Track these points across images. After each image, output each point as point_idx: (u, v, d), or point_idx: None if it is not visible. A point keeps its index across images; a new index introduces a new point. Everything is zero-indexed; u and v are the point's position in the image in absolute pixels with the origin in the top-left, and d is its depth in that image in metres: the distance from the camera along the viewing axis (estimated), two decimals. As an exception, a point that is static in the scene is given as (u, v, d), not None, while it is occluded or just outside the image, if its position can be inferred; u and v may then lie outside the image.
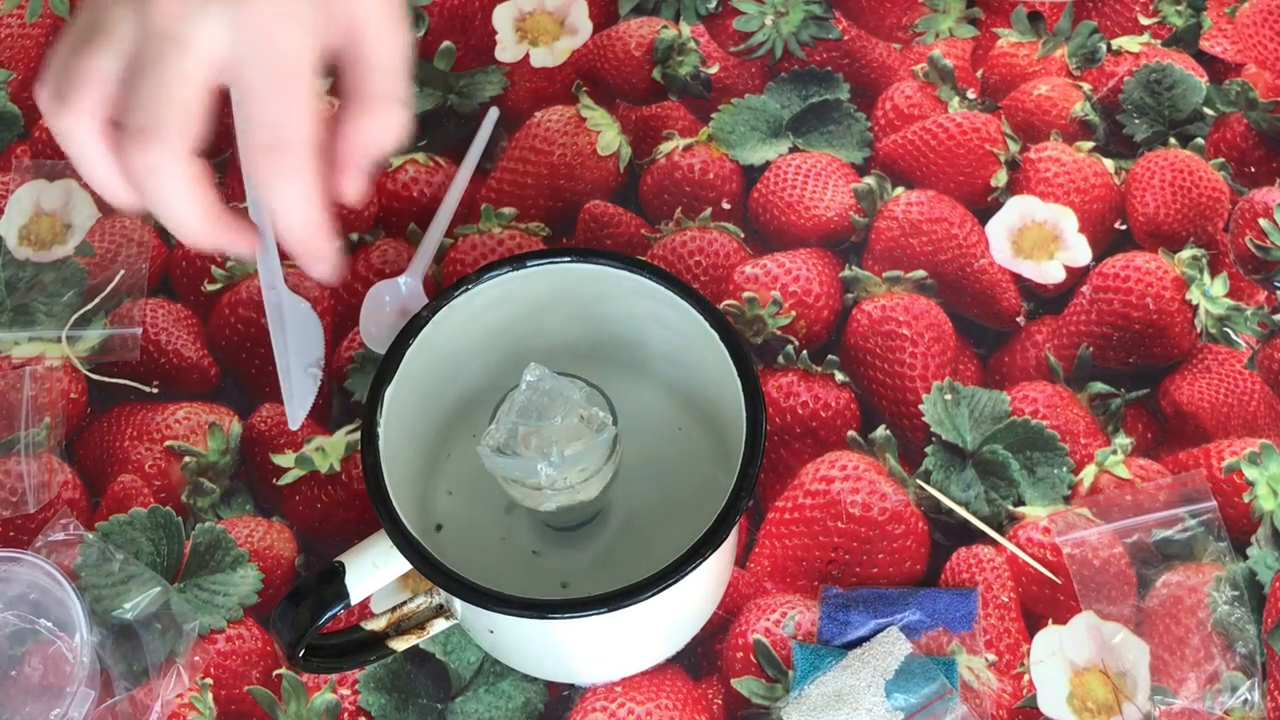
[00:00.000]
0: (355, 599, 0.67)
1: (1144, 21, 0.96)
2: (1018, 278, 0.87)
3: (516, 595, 0.65)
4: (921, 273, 0.87)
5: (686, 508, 0.75)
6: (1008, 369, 0.85)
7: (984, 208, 0.89)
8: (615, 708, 0.76)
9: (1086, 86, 0.93)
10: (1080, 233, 0.88)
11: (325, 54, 0.57)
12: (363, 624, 0.73)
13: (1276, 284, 0.86)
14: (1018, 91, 0.93)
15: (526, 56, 0.96)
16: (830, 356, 0.85)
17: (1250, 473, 0.81)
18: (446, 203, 0.90)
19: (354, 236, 0.90)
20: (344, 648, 0.73)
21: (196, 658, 0.78)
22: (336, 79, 0.61)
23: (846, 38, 0.96)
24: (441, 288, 0.88)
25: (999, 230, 0.89)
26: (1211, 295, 0.86)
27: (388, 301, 0.87)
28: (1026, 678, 0.76)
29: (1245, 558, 0.79)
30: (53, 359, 0.86)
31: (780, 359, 0.85)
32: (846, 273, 0.88)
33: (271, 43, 0.56)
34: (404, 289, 0.87)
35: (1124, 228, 0.89)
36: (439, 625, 0.74)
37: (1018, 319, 0.86)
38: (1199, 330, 0.85)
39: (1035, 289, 0.87)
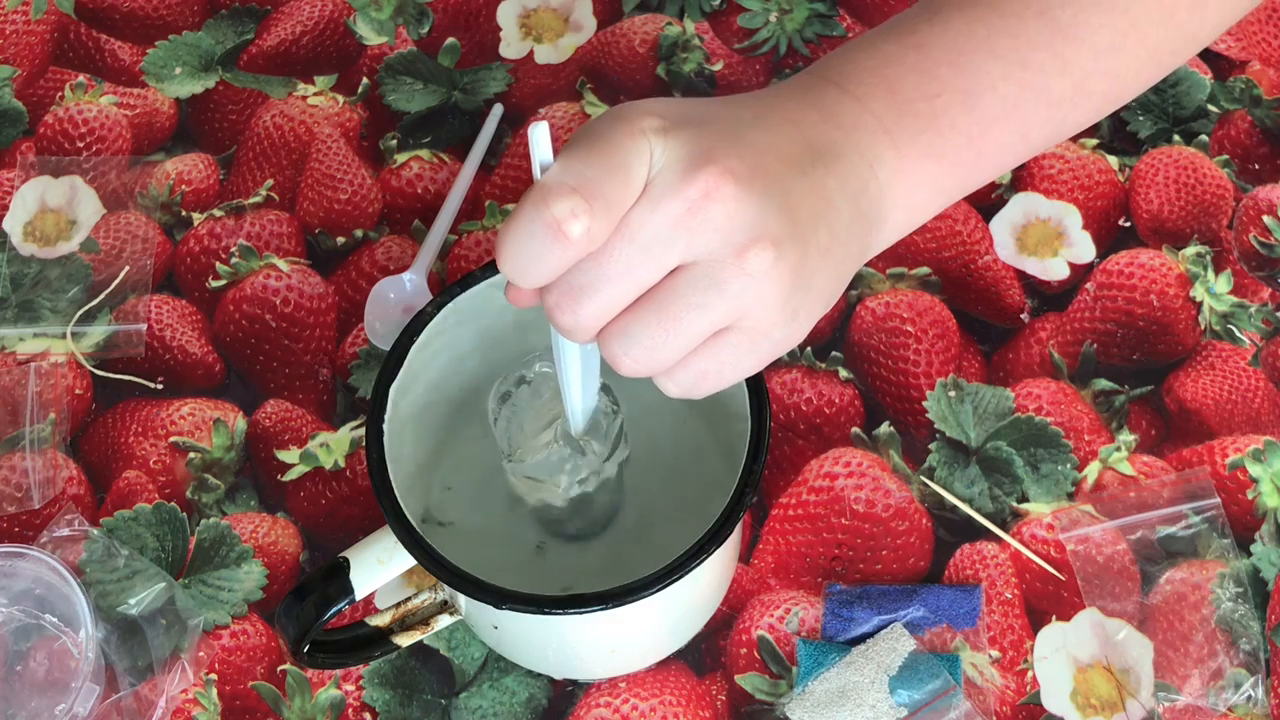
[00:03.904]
0: (360, 595, 0.67)
1: (1148, 18, 0.96)
2: (1022, 274, 0.87)
3: (520, 591, 0.65)
4: (925, 269, 0.87)
5: (691, 504, 0.75)
6: (1011, 366, 0.85)
7: (988, 204, 0.89)
8: (619, 704, 0.76)
9: (1090, 83, 0.93)
10: (1084, 230, 0.88)
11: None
12: (367, 620, 0.74)
13: (1280, 281, 0.86)
14: (1022, 88, 0.93)
15: (531, 53, 0.96)
16: (834, 353, 0.85)
17: (1254, 469, 0.81)
18: (450, 199, 0.90)
19: (358, 233, 0.90)
20: (348, 643, 0.73)
21: (201, 653, 0.78)
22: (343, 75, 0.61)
23: (850, 35, 0.96)
24: (446, 284, 0.88)
25: (1003, 227, 0.89)
26: (1215, 292, 0.86)
27: (392, 298, 0.87)
28: (1030, 674, 0.76)
29: (1249, 554, 0.79)
30: (57, 355, 0.86)
31: (784, 355, 0.85)
32: (850, 269, 0.88)
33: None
34: (408, 285, 0.87)
35: (1128, 225, 0.89)
36: (443, 621, 0.74)
37: (1022, 316, 0.86)
38: (1203, 327, 0.85)
39: (1039, 286, 0.87)
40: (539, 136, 0.55)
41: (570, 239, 0.53)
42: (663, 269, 0.55)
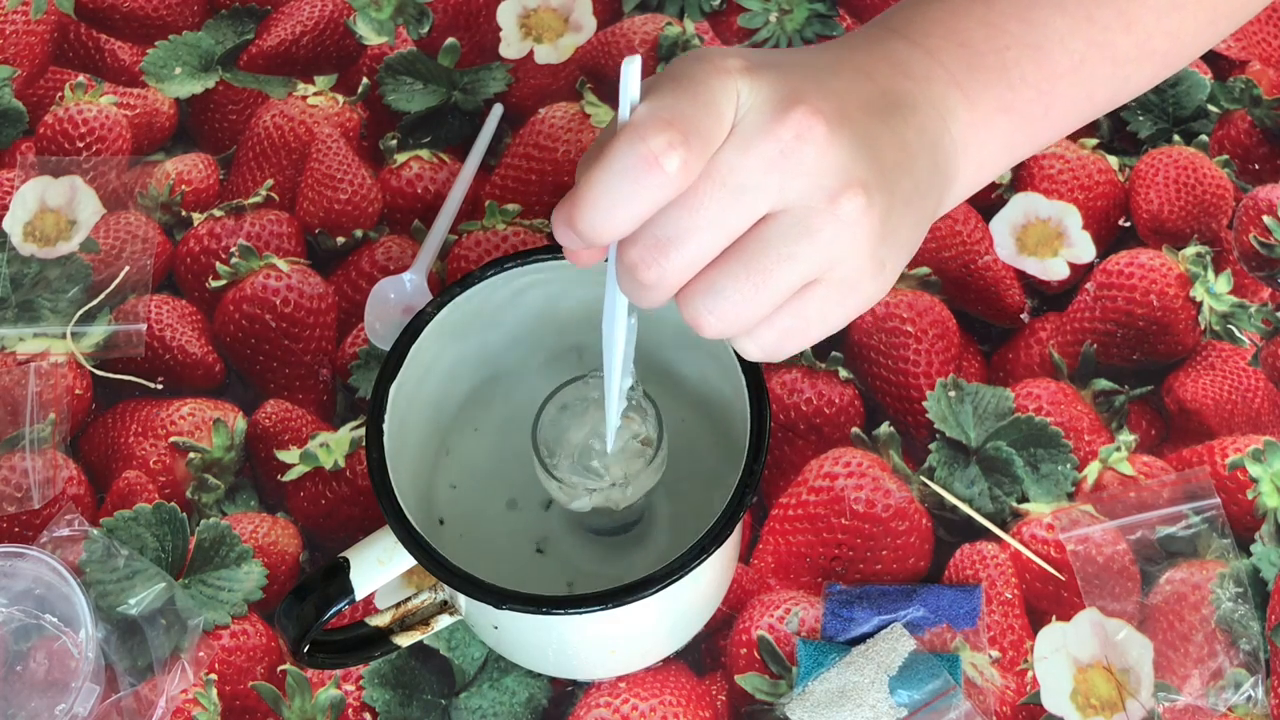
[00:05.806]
0: (360, 595, 0.67)
1: (1148, 18, 0.96)
2: (1021, 274, 0.87)
3: (520, 591, 0.65)
4: (925, 269, 0.87)
5: (691, 504, 0.75)
6: (1011, 366, 0.85)
7: (988, 204, 0.89)
8: (619, 704, 0.76)
9: (1090, 83, 0.93)
10: (1084, 230, 0.88)
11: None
12: (367, 620, 0.74)
13: (1280, 281, 0.86)
14: (1022, 88, 0.93)
15: (531, 53, 0.96)
16: (834, 353, 0.85)
17: (1254, 469, 0.81)
18: (451, 199, 0.90)
19: (358, 233, 0.90)
20: (348, 643, 0.73)
21: (201, 653, 0.78)
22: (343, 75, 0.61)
23: (850, 34, 0.96)
24: (445, 284, 0.88)
25: (1003, 227, 0.89)
26: (1215, 292, 0.86)
27: (392, 298, 0.87)
28: (1030, 674, 0.76)
29: (1249, 554, 0.79)
30: (57, 355, 0.87)
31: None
32: (850, 269, 0.88)
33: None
34: (408, 285, 0.87)
35: (1128, 225, 0.89)
36: (443, 621, 0.74)
37: (1021, 316, 0.86)
38: (1203, 327, 0.85)
39: (1039, 286, 0.87)
40: (631, 71, 0.52)
41: (667, 173, 0.50)
42: (753, 215, 0.53)
